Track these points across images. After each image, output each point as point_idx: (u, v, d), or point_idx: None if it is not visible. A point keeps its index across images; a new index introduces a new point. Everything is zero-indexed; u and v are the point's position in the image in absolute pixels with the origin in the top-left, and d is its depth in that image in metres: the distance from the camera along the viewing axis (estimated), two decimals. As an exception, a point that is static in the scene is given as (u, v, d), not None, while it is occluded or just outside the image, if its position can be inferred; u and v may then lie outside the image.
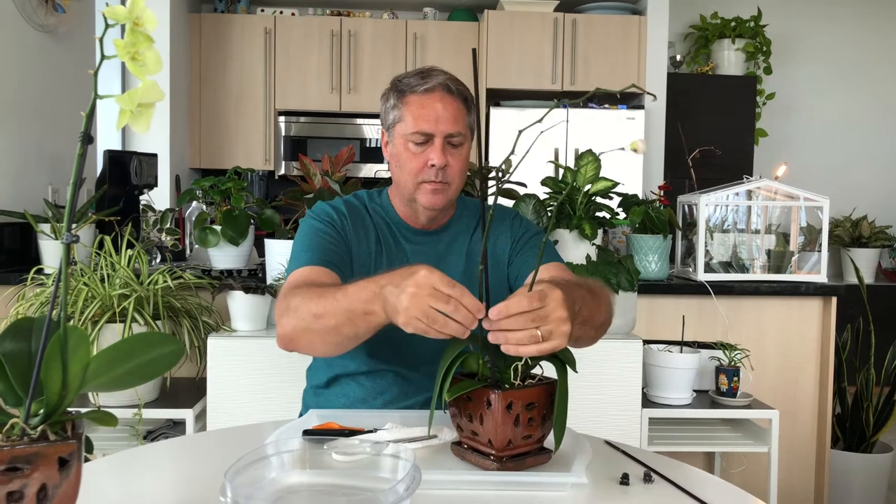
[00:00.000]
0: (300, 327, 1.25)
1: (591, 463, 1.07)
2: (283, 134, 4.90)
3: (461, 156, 1.44)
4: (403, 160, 1.44)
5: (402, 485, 0.82)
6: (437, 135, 1.41)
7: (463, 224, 1.55)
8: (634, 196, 2.51)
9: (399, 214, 1.52)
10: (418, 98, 1.42)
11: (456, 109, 1.43)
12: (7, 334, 0.82)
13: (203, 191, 2.39)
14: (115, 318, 1.97)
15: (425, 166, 1.41)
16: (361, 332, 1.20)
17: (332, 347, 1.27)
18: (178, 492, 1.06)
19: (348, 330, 1.20)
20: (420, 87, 1.42)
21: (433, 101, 1.41)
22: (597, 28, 4.76)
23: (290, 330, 1.27)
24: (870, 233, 4.97)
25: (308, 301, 1.24)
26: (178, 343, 0.86)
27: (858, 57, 5.55)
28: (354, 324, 1.19)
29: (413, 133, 1.41)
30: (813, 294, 2.58)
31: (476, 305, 1.05)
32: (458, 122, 1.43)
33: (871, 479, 2.86)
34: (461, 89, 1.46)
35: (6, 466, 0.71)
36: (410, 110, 1.42)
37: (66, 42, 2.98)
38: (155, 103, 0.78)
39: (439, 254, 1.51)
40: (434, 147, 1.41)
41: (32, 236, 2.59)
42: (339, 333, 1.21)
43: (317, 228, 1.45)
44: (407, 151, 1.43)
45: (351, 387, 1.48)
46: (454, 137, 1.42)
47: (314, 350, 1.33)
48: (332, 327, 1.21)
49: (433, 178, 1.41)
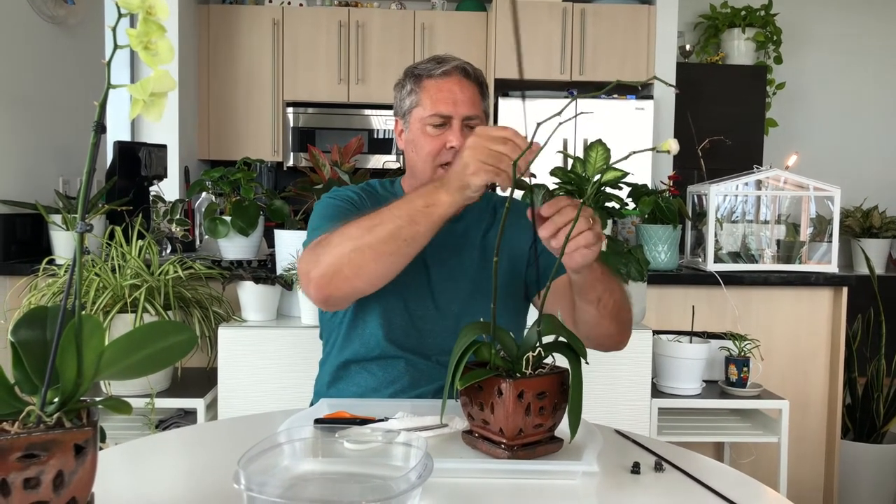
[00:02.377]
0: (345, 253, 1.22)
1: (601, 452, 1.07)
2: (292, 125, 4.90)
3: None
4: (420, 144, 1.44)
5: (415, 473, 0.82)
6: (455, 117, 1.41)
7: (475, 215, 1.53)
8: (644, 186, 2.50)
9: None
10: (435, 82, 1.43)
11: (473, 93, 1.44)
12: (22, 323, 0.83)
13: (213, 182, 2.39)
14: (127, 308, 1.98)
15: (443, 149, 1.41)
16: (422, 229, 1.19)
17: (387, 260, 1.22)
18: (190, 480, 1.06)
19: (408, 231, 1.19)
20: (437, 71, 1.43)
21: (451, 84, 1.42)
22: (606, 18, 4.74)
23: (331, 262, 1.23)
24: (881, 223, 4.94)
25: (349, 226, 1.23)
26: (191, 331, 0.87)
27: (869, 46, 5.50)
28: (415, 222, 1.19)
29: (431, 116, 1.41)
30: (823, 284, 2.57)
31: (524, 141, 1.12)
32: (476, 105, 1.43)
33: (881, 469, 2.86)
34: (477, 73, 1.47)
35: (23, 453, 0.72)
36: (428, 94, 1.42)
37: (76, 33, 2.99)
38: (167, 93, 0.78)
39: (452, 244, 1.50)
40: (452, 129, 1.41)
41: (44, 227, 2.61)
42: (396, 238, 1.20)
43: (336, 205, 1.44)
44: (424, 135, 1.43)
45: (362, 376, 1.48)
46: (472, 120, 1.42)
47: (362, 274, 1.24)
48: (388, 234, 1.20)
49: (451, 160, 1.40)
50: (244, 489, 0.79)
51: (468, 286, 1.47)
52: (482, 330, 1.11)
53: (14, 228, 2.57)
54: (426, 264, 1.47)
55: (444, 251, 1.48)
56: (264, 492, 0.79)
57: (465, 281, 1.47)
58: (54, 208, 2.53)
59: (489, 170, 1.12)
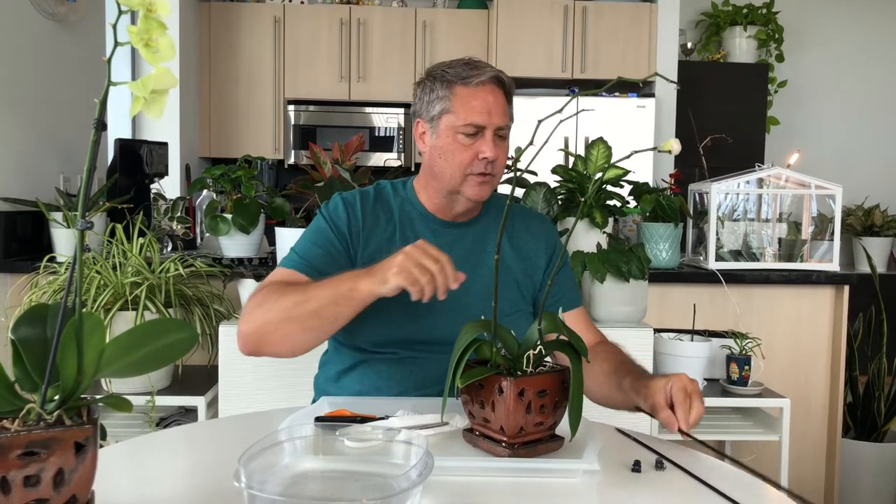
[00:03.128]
0: (275, 319, 1.29)
1: (602, 450, 1.07)
2: (293, 123, 4.90)
3: (506, 148, 1.45)
4: (451, 152, 1.42)
5: (415, 471, 0.82)
6: (488, 127, 1.40)
7: (491, 220, 1.54)
8: (645, 184, 2.50)
9: (426, 206, 1.51)
10: (471, 91, 1.41)
11: (504, 103, 1.43)
12: (22, 320, 0.83)
13: (213, 179, 2.39)
14: (128, 305, 1.98)
15: (475, 159, 1.41)
16: (343, 311, 1.27)
17: (311, 334, 1.31)
18: (191, 478, 1.06)
19: (330, 311, 1.27)
20: (473, 80, 1.41)
21: (485, 94, 1.40)
22: (607, 15, 4.73)
23: (261, 325, 1.31)
24: (882, 221, 4.94)
25: (285, 294, 1.30)
26: (192, 329, 0.86)
27: (871, 44, 5.49)
28: (337, 304, 1.26)
29: (465, 125, 1.40)
30: (825, 283, 2.57)
31: (454, 275, 1.19)
32: (507, 115, 1.43)
33: (882, 467, 2.85)
34: (509, 83, 1.46)
35: (23, 451, 0.72)
36: (461, 102, 1.40)
37: (77, 31, 2.99)
38: (168, 90, 0.78)
39: (468, 248, 1.49)
40: (485, 140, 1.40)
41: (44, 225, 2.61)
42: (321, 316, 1.27)
43: (321, 228, 1.46)
44: (456, 143, 1.41)
45: (367, 375, 1.48)
46: (503, 130, 1.42)
47: (286, 342, 1.32)
48: (313, 312, 1.27)
49: (483, 170, 1.41)
50: (245, 487, 0.79)
51: (482, 290, 1.46)
52: (483, 328, 1.11)
53: (15, 226, 2.57)
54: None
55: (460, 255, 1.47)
56: (265, 490, 0.79)
57: (479, 285, 1.46)
58: (55, 206, 2.53)
59: (410, 278, 1.18)
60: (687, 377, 1.19)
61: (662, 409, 1.16)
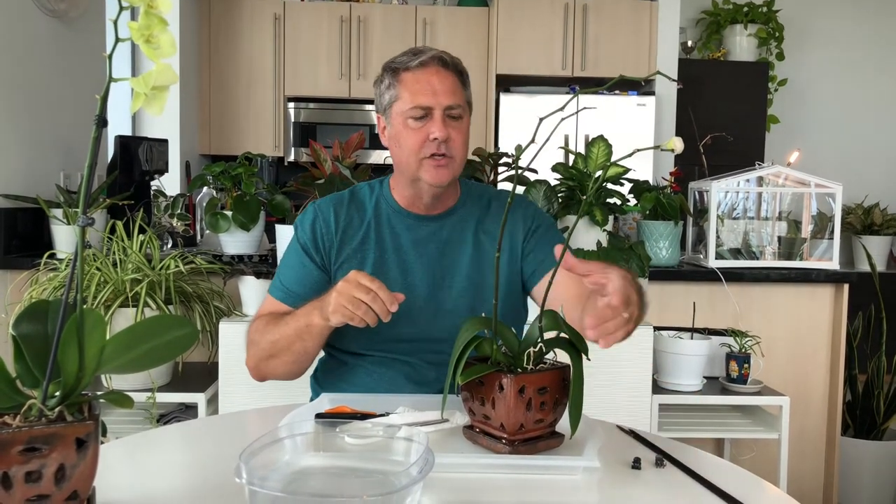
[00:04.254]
0: (263, 357, 1.42)
1: (602, 447, 1.07)
2: (293, 120, 4.90)
3: (462, 128, 1.42)
4: (403, 138, 1.41)
5: (416, 467, 0.82)
6: (436, 107, 1.38)
7: (468, 210, 1.52)
8: (646, 182, 2.50)
9: (400, 202, 1.50)
10: (413, 74, 1.40)
11: (452, 82, 1.41)
12: (23, 317, 0.83)
13: (214, 176, 2.39)
14: (128, 302, 1.98)
15: (426, 140, 1.39)
16: (309, 344, 1.36)
17: (293, 367, 1.42)
18: (192, 474, 1.06)
19: (299, 346, 1.36)
20: (414, 62, 1.40)
21: (429, 75, 1.39)
22: (608, 13, 4.73)
23: (255, 362, 1.44)
24: (882, 220, 4.94)
25: (265, 334, 1.41)
26: (193, 326, 0.87)
27: (872, 43, 5.49)
28: (302, 339, 1.35)
29: (412, 108, 1.39)
30: (824, 281, 2.57)
31: (390, 298, 1.21)
32: (456, 94, 1.41)
33: (881, 466, 2.86)
34: (455, 62, 1.44)
35: (24, 447, 0.72)
36: (406, 86, 1.40)
37: (77, 27, 2.98)
38: (169, 86, 0.78)
39: (444, 240, 1.48)
40: (434, 120, 1.39)
41: (45, 221, 2.60)
42: (292, 352, 1.37)
43: (293, 248, 1.51)
44: (406, 129, 1.40)
45: (359, 376, 1.48)
46: (453, 109, 1.40)
47: (279, 373, 1.44)
48: (285, 348, 1.37)
49: (435, 151, 1.39)
50: (246, 483, 0.79)
51: (463, 282, 1.47)
52: (483, 325, 1.11)
53: (15, 223, 2.57)
54: (416, 263, 1.47)
55: (435, 248, 1.47)
56: (266, 486, 0.79)
57: (460, 277, 1.47)
58: (55, 202, 2.53)
59: (346, 313, 1.23)
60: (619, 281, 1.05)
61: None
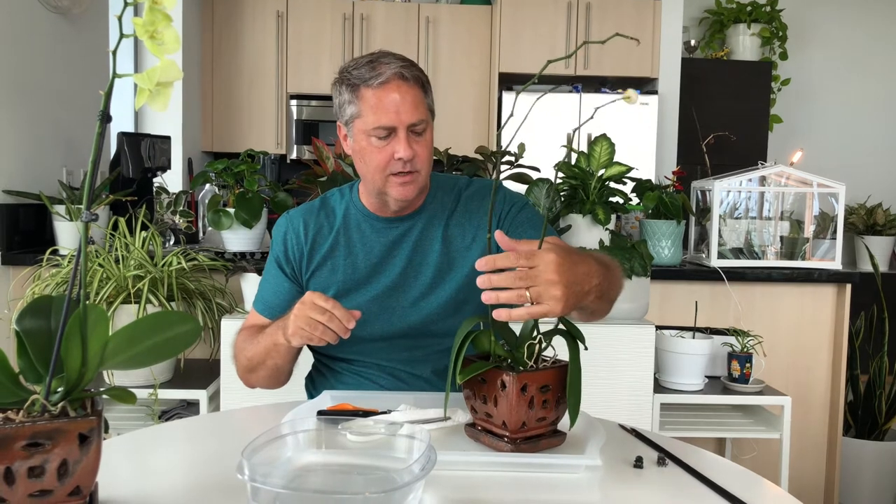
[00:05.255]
0: (244, 370, 1.47)
1: (604, 446, 1.07)
2: (295, 117, 4.90)
3: (426, 142, 1.39)
4: (367, 155, 1.38)
5: (418, 465, 0.82)
6: (399, 126, 1.34)
7: (438, 205, 1.49)
8: (648, 181, 2.50)
9: (368, 207, 1.48)
10: (373, 92, 1.35)
11: (414, 97, 1.36)
12: (27, 312, 0.83)
13: (216, 173, 2.39)
14: (130, 298, 1.98)
15: (391, 160, 1.36)
16: (279, 362, 1.38)
17: (271, 380, 1.46)
18: (194, 470, 1.06)
19: (270, 362, 1.39)
20: (374, 81, 1.35)
21: (389, 93, 1.34)
22: (611, 12, 4.72)
23: (240, 373, 1.49)
24: (884, 220, 4.93)
25: (243, 349, 1.46)
26: (196, 322, 0.87)
27: (875, 43, 5.48)
28: (271, 356, 1.37)
29: (374, 129, 1.35)
30: (826, 281, 2.57)
31: (346, 316, 1.22)
32: (419, 110, 1.36)
33: (883, 466, 2.86)
34: (416, 74, 1.39)
35: (27, 442, 0.72)
36: (368, 105, 1.35)
37: (80, 24, 2.98)
38: (173, 82, 0.78)
39: (415, 241, 1.46)
40: (398, 139, 1.35)
41: (47, 217, 2.61)
42: (266, 367, 1.40)
43: (270, 262, 1.54)
44: (371, 147, 1.37)
45: (346, 377, 1.48)
46: (417, 126, 1.36)
47: (262, 385, 1.48)
48: (260, 363, 1.41)
49: (401, 169, 1.36)
50: (248, 480, 0.79)
51: (430, 276, 1.45)
52: (479, 320, 1.11)
53: (18, 219, 2.57)
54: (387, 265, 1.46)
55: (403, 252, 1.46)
56: (268, 483, 0.79)
57: (428, 271, 1.45)
58: (58, 199, 2.53)
59: (304, 334, 1.25)
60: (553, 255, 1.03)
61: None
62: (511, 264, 1.01)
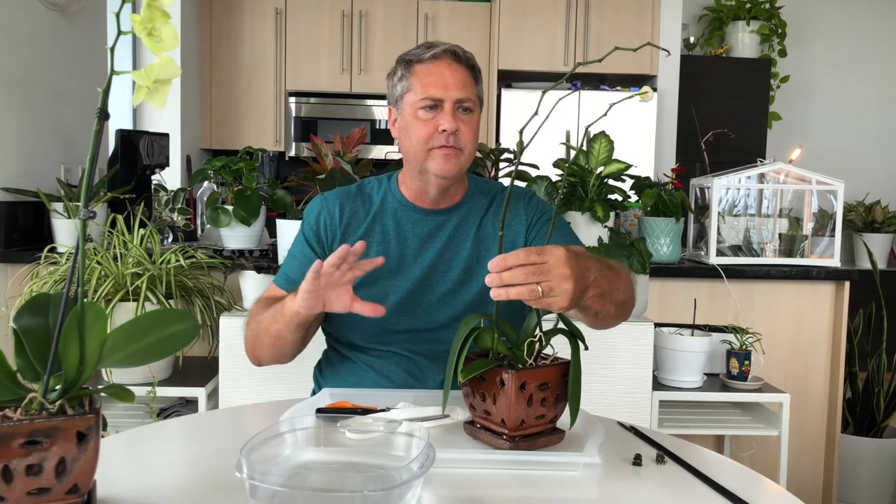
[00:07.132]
0: (252, 338, 1.44)
1: (603, 443, 1.07)
2: (294, 115, 4.89)
3: (472, 122, 1.43)
4: (413, 129, 1.42)
5: (417, 463, 0.82)
6: (446, 100, 1.39)
7: (474, 204, 1.52)
8: (647, 178, 2.50)
9: (407, 196, 1.50)
10: (426, 66, 1.41)
11: (464, 76, 1.42)
12: (24, 310, 0.83)
13: (214, 171, 2.39)
14: (128, 296, 1.98)
15: (435, 132, 1.40)
16: (281, 327, 1.36)
17: (272, 350, 1.42)
18: (192, 468, 1.06)
19: (273, 328, 1.37)
20: (427, 55, 1.42)
21: (441, 68, 1.41)
22: (610, 9, 4.72)
23: (247, 344, 1.47)
24: (883, 218, 4.93)
25: (255, 315, 1.45)
26: (194, 320, 0.86)
27: (874, 40, 5.48)
28: (276, 320, 1.36)
29: (422, 99, 1.40)
30: (825, 278, 2.57)
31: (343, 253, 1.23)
32: (467, 88, 1.42)
33: (881, 463, 2.86)
34: (468, 56, 1.45)
35: (25, 440, 0.72)
36: (418, 79, 1.41)
37: (78, 21, 2.98)
38: (171, 79, 0.77)
39: (448, 234, 1.48)
40: (444, 112, 1.40)
41: (45, 215, 2.60)
42: (269, 334, 1.39)
43: (299, 239, 1.53)
44: (416, 120, 1.41)
45: (358, 367, 1.48)
46: (464, 103, 1.41)
47: (265, 356, 1.46)
48: (265, 329, 1.39)
49: (444, 143, 1.39)
50: (246, 478, 0.79)
51: (459, 272, 1.46)
52: (481, 318, 1.11)
53: (15, 216, 2.57)
54: (418, 256, 1.47)
55: (437, 244, 1.47)
56: (266, 481, 0.79)
57: (458, 268, 1.47)
58: (56, 196, 2.52)
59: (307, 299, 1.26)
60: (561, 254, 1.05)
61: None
62: (521, 259, 1.02)
